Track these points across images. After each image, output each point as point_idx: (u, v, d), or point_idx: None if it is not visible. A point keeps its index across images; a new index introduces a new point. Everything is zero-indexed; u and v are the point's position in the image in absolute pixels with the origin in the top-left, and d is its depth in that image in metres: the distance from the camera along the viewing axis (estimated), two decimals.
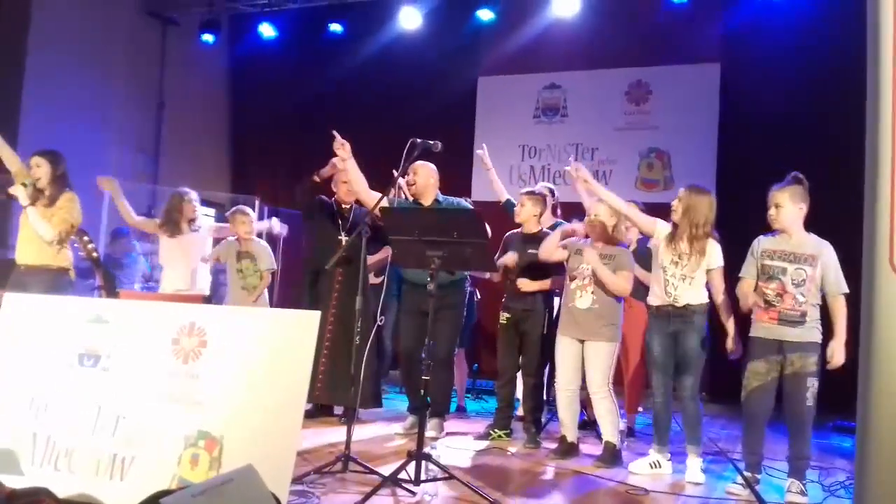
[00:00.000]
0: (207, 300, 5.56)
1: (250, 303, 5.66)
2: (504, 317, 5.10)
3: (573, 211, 5.69)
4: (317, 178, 5.28)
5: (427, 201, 5.10)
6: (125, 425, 2.94)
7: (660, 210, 4.72)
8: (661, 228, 4.34)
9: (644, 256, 4.86)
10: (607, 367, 4.46)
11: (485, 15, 8.17)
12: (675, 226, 4.27)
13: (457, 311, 5.14)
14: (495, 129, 8.71)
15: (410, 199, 5.19)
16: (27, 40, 7.67)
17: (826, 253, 3.87)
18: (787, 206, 3.89)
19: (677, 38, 7.86)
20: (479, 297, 6.52)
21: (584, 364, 4.51)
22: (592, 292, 4.49)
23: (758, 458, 3.99)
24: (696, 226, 4.17)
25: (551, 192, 5.69)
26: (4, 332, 3.22)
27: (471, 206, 5.36)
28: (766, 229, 4.04)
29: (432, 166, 5.16)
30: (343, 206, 5.46)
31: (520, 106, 8.71)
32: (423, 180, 5.08)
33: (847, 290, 3.80)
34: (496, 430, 5.09)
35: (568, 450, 4.58)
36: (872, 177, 2.19)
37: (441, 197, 5.15)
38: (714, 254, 4.20)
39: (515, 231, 5.22)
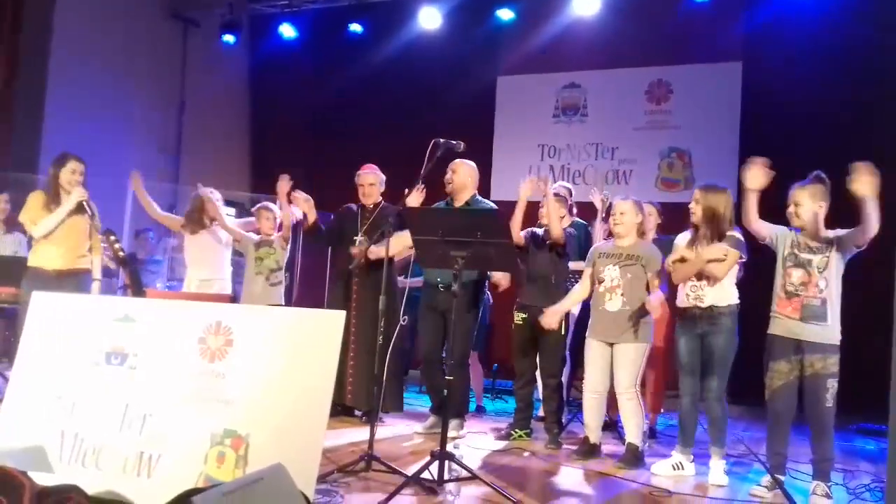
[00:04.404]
0: (233, 300, 5.59)
1: (267, 286, 5.68)
2: (519, 317, 5.07)
3: (590, 210, 5.69)
4: (308, 226, 5.41)
5: (460, 201, 5.10)
6: (152, 423, 2.96)
7: (680, 210, 4.69)
8: (679, 239, 4.32)
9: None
10: (636, 368, 4.43)
11: (505, 14, 8.18)
12: (696, 227, 4.25)
13: (469, 312, 5.06)
14: (515, 128, 8.73)
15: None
16: (50, 42, 7.75)
17: (840, 232, 3.84)
18: (807, 204, 3.87)
19: (698, 37, 7.81)
20: (491, 301, 6.51)
21: (613, 364, 4.48)
22: (622, 294, 4.46)
23: (782, 458, 3.95)
24: (716, 225, 4.16)
25: (569, 191, 5.69)
26: (33, 331, 3.25)
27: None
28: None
29: (472, 166, 5.14)
30: (365, 205, 5.47)
31: (539, 105, 8.70)
32: (460, 178, 5.08)
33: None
34: (517, 430, 5.08)
35: (590, 451, 4.56)
36: None
37: (479, 199, 5.12)
38: (734, 237, 4.14)
39: (534, 229, 5.17)
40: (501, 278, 5.46)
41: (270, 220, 5.80)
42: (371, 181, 5.43)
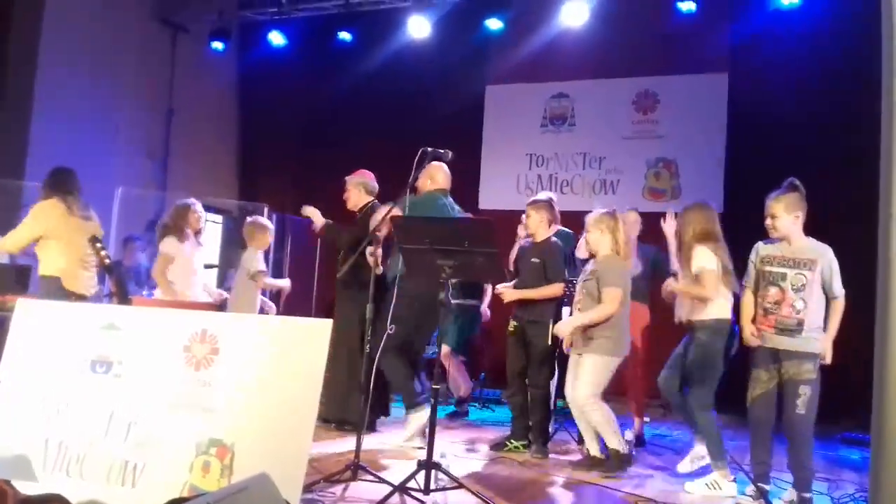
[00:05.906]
0: (218, 308, 5.55)
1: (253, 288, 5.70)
2: (511, 324, 5.10)
3: (573, 220, 5.70)
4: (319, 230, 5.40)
5: None
6: (137, 432, 2.95)
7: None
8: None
9: (659, 264, 5.03)
10: (594, 381, 4.39)
11: (493, 24, 8.20)
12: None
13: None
14: (503, 137, 8.75)
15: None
16: (38, 47, 7.71)
17: (826, 256, 3.86)
18: (783, 216, 3.91)
19: (685, 48, 7.87)
20: (489, 315, 6.55)
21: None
22: (580, 309, 4.51)
23: (766, 468, 3.96)
24: (683, 241, 4.30)
25: (550, 201, 5.68)
26: (18, 338, 3.23)
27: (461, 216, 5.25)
28: None
29: (435, 165, 5.01)
30: (349, 213, 5.45)
31: (527, 115, 8.72)
32: (420, 181, 5.04)
33: (843, 292, 3.84)
34: (513, 440, 5.04)
35: (595, 464, 4.50)
36: (888, 182, 2.17)
37: (427, 195, 4.99)
38: (697, 256, 4.20)
39: (528, 239, 5.21)
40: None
41: (266, 234, 5.81)
42: (350, 185, 5.44)
